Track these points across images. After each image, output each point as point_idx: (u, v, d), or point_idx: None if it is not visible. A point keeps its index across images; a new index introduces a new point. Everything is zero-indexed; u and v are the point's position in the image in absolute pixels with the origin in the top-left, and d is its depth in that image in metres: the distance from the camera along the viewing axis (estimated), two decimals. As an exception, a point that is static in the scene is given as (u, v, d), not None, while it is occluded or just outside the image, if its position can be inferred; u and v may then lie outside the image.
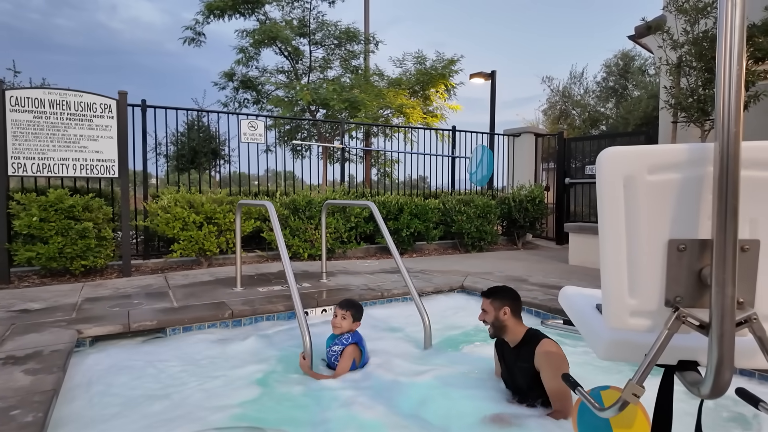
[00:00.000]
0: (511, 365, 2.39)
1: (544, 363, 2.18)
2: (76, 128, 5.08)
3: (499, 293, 2.43)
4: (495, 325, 2.40)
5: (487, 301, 2.42)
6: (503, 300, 2.39)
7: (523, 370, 2.29)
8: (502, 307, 2.38)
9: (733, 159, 1.03)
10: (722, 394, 1.15)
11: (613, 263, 1.20)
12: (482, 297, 2.48)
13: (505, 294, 2.42)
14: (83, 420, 2.15)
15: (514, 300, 2.42)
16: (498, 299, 2.40)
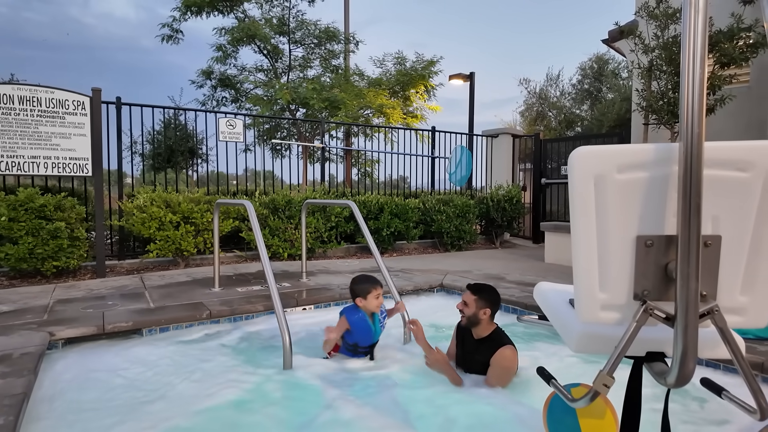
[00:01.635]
0: (469, 353, 2.59)
1: (497, 363, 2.42)
2: (48, 125, 4.94)
3: (485, 294, 2.53)
4: (471, 319, 2.52)
5: (472, 297, 2.52)
6: (487, 302, 2.51)
7: (477, 362, 2.51)
8: (484, 308, 2.50)
9: (697, 159, 1.08)
10: (687, 382, 1.20)
11: (584, 259, 1.24)
12: (468, 290, 2.58)
13: (490, 296, 2.53)
14: (56, 422, 2.10)
15: (496, 304, 2.55)
16: (483, 299, 2.51)
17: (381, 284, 2.95)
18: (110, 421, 2.13)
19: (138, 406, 2.27)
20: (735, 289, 1.21)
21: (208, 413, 2.24)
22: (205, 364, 2.83)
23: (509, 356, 2.43)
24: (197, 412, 2.24)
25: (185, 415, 2.20)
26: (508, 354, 2.43)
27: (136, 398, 2.37)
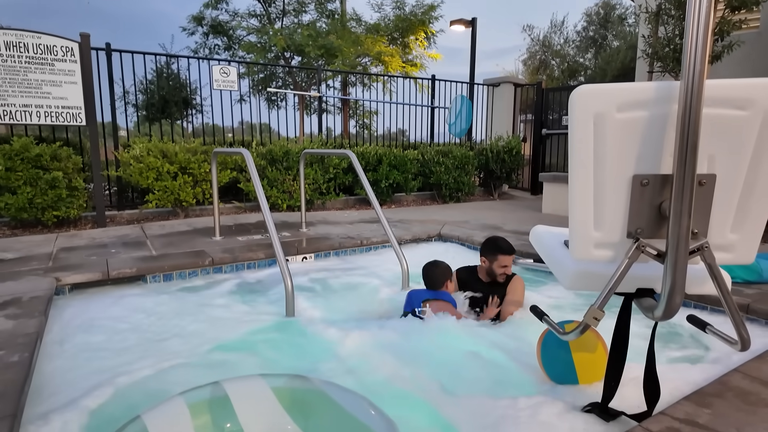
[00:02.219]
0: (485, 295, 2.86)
1: (514, 290, 2.82)
2: (37, 73, 4.80)
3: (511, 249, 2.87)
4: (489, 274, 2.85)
5: (511, 258, 2.85)
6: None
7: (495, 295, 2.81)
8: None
9: (697, 96, 1.08)
10: (673, 316, 1.26)
11: (580, 199, 1.26)
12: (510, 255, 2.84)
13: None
14: (69, 362, 2.19)
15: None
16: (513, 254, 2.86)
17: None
18: (120, 359, 2.22)
19: (145, 347, 2.37)
20: (726, 227, 1.24)
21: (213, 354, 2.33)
22: (209, 309, 2.92)
23: (522, 283, 2.86)
24: (203, 353, 2.34)
25: (191, 355, 2.30)
26: (521, 282, 2.86)
27: (143, 339, 2.46)
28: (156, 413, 1.40)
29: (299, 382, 1.63)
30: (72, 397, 1.80)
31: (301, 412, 1.48)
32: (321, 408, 1.48)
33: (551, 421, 1.60)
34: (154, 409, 1.41)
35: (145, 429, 1.32)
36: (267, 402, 1.49)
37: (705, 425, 1.42)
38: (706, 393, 1.60)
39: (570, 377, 1.84)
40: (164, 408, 1.43)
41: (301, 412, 1.47)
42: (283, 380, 1.62)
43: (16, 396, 1.61)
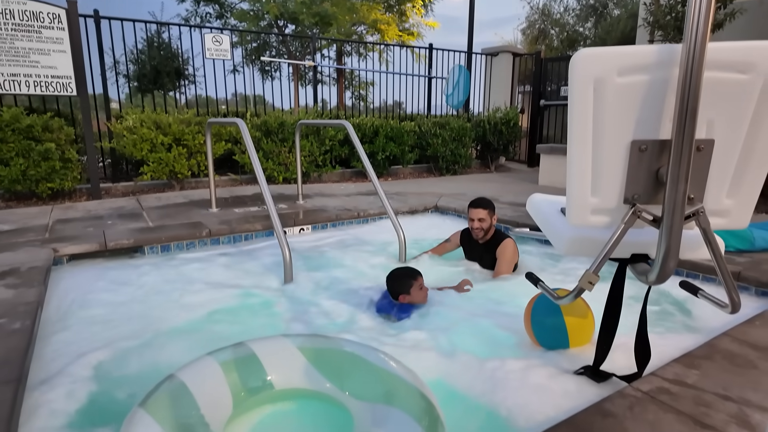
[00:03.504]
0: (478, 256, 3.15)
1: (502, 253, 2.97)
2: (24, 40, 4.67)
3: (491, 204, 3.06)
4: (486, 230, 3.02)
5: (485, 211, 3.00)
6: (493, 209, 3.06)
7: (488, 258, 3.07)
8: (494, 214, 3.06)
9: (698, 59, 1.07)
10: (666, 280, 1.28)
11: (578, 164, 1.26)
12: (478, 208, 3.01)
13: (493, 205, 3.07)
14: (70, 330, 2.21)
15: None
16: (492, 209, 3.05)
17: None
18: (120, 327, 2.24)
19: (145, 315, 2.39)
20: (722, 192, 1.25)
21: (214, 320, 2.37)
22: (208, 278, 2.94)
23: (512, 246, 2.99)
24: (203, 319, 2.37)
25: (191, 322, 2.33)
26: (511, 244, 2.99)
27: (142, 308, 2.48)
28: (190, 371, 1.44)
29: (322, 341, 1.67)
30: (75, 364, 1.82)
31: (329, 368, 1.53)
32: (349, 363, 1.53)
33: (543, 383, 1.64)
34: (186, 368, 1.47)
35: (183, 385, 1.37)
36: (294, 359, 1.55)
37: (693, 385, 1.46)
38: (695, 355, 1.64)
39: (561, 341, 1.89)
40: (197, 366, 1.47)
41: (330, 368, 1.53)
42: (305, 339, 1.66)
43: (20, 361, 1.63)
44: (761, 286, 2.46)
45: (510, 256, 2.97)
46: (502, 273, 2.93)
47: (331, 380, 1.50)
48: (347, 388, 1.47)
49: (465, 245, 3.27)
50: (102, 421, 1.53)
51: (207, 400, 1.35)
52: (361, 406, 1.39)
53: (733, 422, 1.29)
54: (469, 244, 3.23)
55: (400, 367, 1.50)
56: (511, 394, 1.58)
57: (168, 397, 1.31)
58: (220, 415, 1.37)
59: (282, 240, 2.84)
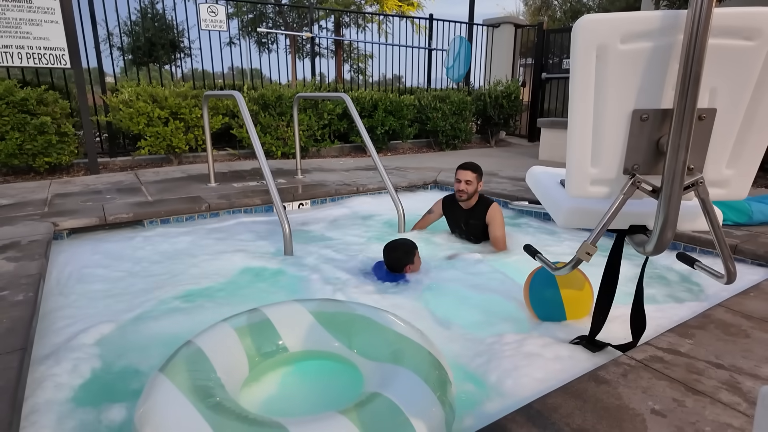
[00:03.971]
0: (463, 222, 3.11)
1: (493, 218, 2.97)
2: (15, 11, 4.56)
3: (479, 168, 3.04)
4: (470, 194, 2.98)
5: (474, 175, 2.97)
6: (481, 174, 3.04)
7: (473, 225, 3.06)
8: (480, 180, 3.04)
9: (704, 24, 1.04)
10: (663, 251, 1.29)
11: (579, 134, 1.25)
12: (466, 170, 2.99)
13: (481, 169, 3.06)
14: (72, 302, 2.24)
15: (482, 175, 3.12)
16: (479, 173, 3.02)
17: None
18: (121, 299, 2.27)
19: (146, 288, 2.41)
20: (722, 163, 1.25)
21: (215, 291, 2.40)
22: (208, 251, 2.95)
23: (500, 209, 3.00)
24: (204, 290, 2.40)
25: (192, 293, 2.36)
26: (498, 208, 3.00)
27: (143, 281, 2.50)
28: (206, 337, 1.49)
29: (333, 305, 1.73)
30: (79, 336, 1.85)
31: (341, 330, 1.59)
32: (359, 326, 1.59)
33: (538, 352, 1.67)
34: (203, 334, 1.52)
35: (200, 350, 1.42)
36: (306, 322, 1.61)
37: (686, 353, 1.49)
38: (690, 325, 1.67)
39: (558, 313, 1.91)
40: (212, 332, 1.52)
41: (341, 331, 1.58)
42: (316, 303, 1.72)
43: (24, 331, 1.66)
44: (757, 259, 2.48)
45: (501, 219, 2.98)
46: (498, 237, 2.94)
47: (342, 341, 1.56)
48: (357, 349, 1.53)
49: (448, 213, 3.22)
50: (107, 393, 1.56)
51: (223, 364, 1.40)
52: (370, 366, 1.45)
53: (724, 388, 1.32)
54: (452, 211, 3.17)
55: (409, 328, 1.55)
56: (506, 363, 1.61)
57: (186, 362, 1.37)
58: (236, 377, 1.43)
59: (281, 215, 2.85)
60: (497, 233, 2.95)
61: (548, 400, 1.27)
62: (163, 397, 1.24)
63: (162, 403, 1.23)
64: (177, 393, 1.24)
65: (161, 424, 1.18)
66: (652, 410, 1.23)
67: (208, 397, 1.24)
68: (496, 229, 2.95)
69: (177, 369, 1.33)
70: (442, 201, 3.25)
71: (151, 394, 1.27)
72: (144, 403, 1.25)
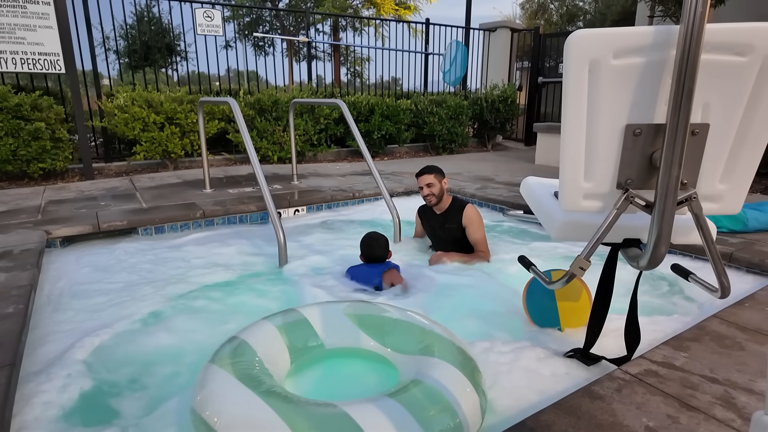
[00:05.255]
0: (438, 227, 2.98)
1: (471, 221, 2.85)
2: (9, 16, 4.54)
3: (435, 168, 2.93)
4: (438, 195, 2.91)
5: (432, 176, 2.90)
6: (441, 173, 2.93)
7: (449, 230, 2.92)
8: (443, 178, 2.94)
9: (696, 41, 1.04)
10: (657, 265, 1.28)
11: (572, 148, 1.25)
12: (424, 174, 2.92)
13: (439, 169, 2.95)
14: (64, 314, 2.21)
15: (443, 173, 2.97)
16: (439, 173, 2.92)
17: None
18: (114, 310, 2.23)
19: (140, 298, 2.37)
20: (715, 177, 1.24)
21: (210, 302, 2.37)
22: (203, 260, 2.93)
23: (476, 211, 2.89)
24: (199, 301, 2.37)
25: (187, 304, 2.33)
26: (474, 209, 2.88)
27: (137, 291, 2.47)
28: (250, 332, 1.59)
29: (364, 306, 1.84)
30: (70, 351, 1.80)
31: (372, 327, 1.70)
32: (388, 322, 1.70)
33: (533, 366, 1.65)
34: (246, 330, 1.61)
35: (245, 343, 1.51)
36: (341, 321, 1.72)
37: (681, 367, 1.48)
38: (684, 338, 1.66)
39: (553, 322, 1.91)
40: (255, 329, 1.62)
41: (373, 328, 1.70)
42: (348, 305, 1.83)
43: (13, 346, 1.63)
44: (752, 267, 2.48)
45: (478, 219, 2.86)
46: (478, 239, 2.82)
47: (375, 338, 1.67)
48: (389, 344, 1.64)
49: (424, 221, 3.13)
50: (98, 411, 1.53)
51: (268, 357, 1.50)
52: (403, 359, 1.56)
53: (719, 404, 1.31)
54: (427, 219, 3.08)
55: (433, 324, 1.68)
56: (499, 376, 1.60)
57: (233, 353, 1.46)
58: (281, 368, 1.53)
59: (276, 223, 2.83)
60: (476, 236, 2.84)
61: (542, 417, 1.26)
62: (220, 384, 1.32)
63: (220, 389, 1.30)
64: (233, 379, 1.32)
65: (223, 407, 1.24)
66: (647, 427, 1.22)
67: (261, 384, 1.32)
68: (474, 232, 2.84)
69: (226, 359, 1.42)
70: (418, 211, 3.19)
71: (207, 381, 1.34)
72: (201, 389, 1.32)
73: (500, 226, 3.71)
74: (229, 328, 2.09)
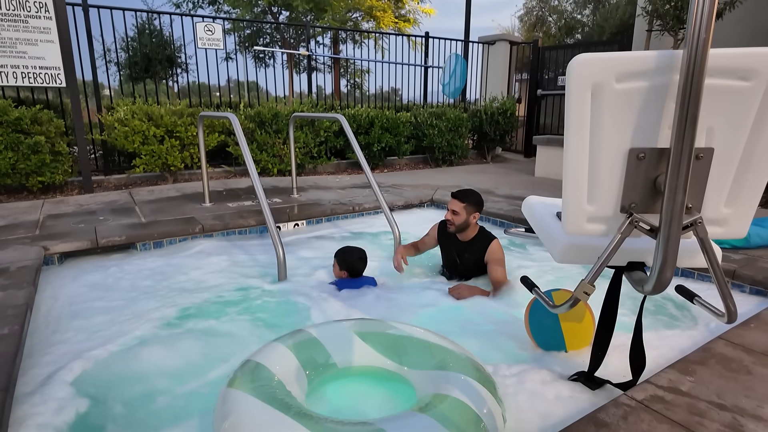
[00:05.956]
0: (457, 254, 2.80)
1: (495, 258, 2.66)
2: (11, 30, 4.56)
3: (473, 199, 2.69)
4: (459, 226, 2.69)
5: (461, 205, 2.66)
6: (475, 206, 2.69)
7: (469, 260, 2.75)
8: (474, 212, 2.69)
9: (700, 66, 1.03)
10: (663, 290, 1.26)
11: (575, 171, 1.23)
12: (455, 199, 2.69)
13: (476, 200, 2.70)
14: (60, 334, 2.17)
15: (481, 205, 2.75)
16: (471, 205, 2.67)
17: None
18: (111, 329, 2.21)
19: (137, 316, 2.34)
20: (720, 201, 1.22)
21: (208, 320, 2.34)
22: (201, 276, 2.90)
23: (500, 247, 2.70)
24: (196, 319, 2.34)
25: (184, 322, 2.30)
26: (497, 246, 2.69)
27: (134, 308, 2.44)
28: (264, 355, 1.57)
29: (373, 323, 1.83)
30: (65, 372, 1.78)
31: (385, 345, 1.69)
32: (400, 340, 1.70)
33: (537, 388, 1.63)
34: (260, 353, 1.59)
35: (261, 365, 1.50)
36: (351, 340, 1.71)
37: (687, 392, 1.45)
38: (690, 361, 1.63)
39: (558, 344, 1.88)
40: (269, 350, 1.60)
41: (385, 345, 1.69)
42: (355, 323, 1.82)
43: (7, 369, 1.61)
44: (756, 285, 2.46)
45: (502, 257, 2.68)
46: (498, 278, 2.61)
47: (387, 355, 1.67)
48: (403, 361, 1.65)
49: (442, 240, 2.90)
50: None
51: (287, 378, 1.49)
52: (419, 375, 1.57)
53: None
54: (446, 239, 2.85)
55: (444, 339, 1.68)
56: (504, 399, 1.57)
57: (252, 375, 1.44)
58: (301, 390, 1.52)
59: (275, 238, 2.81)
60: (498, 274, 2.61)
61: (547, 445, 1.23)
62: (249, 409, 1.29)
63: (250, 414, 1.27)
64: (260, 403, 1.30)
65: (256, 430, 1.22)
66: (654, 457, 1.19)
67: (290, 406, 1.30)
68: (496, 270, 2.62)
69: (245, 382, 1.40)
70: (438, 226, 2.93)
71: (231, 407, 1.31)
72: (227, 416, 1.29)
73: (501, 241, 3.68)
74: (230, 347, 2.07)
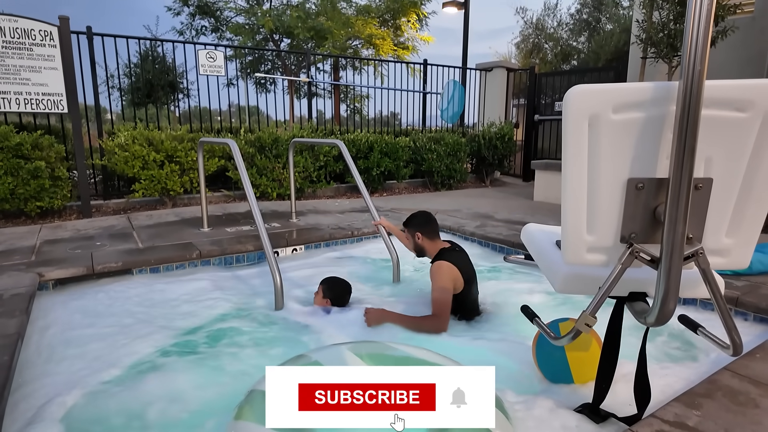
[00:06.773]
0: None
1: (432, 277, 2.48)
2: (15, 58, 4.64)
3: (411, 221, 2.73)
4: (416, 249, 2.74)
5: (405, 231, 2.78)
6: (414, 227, 2.70)
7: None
8: (415, 233, 2.69)
9: (696, 98, 1.03)
10: (666, 322, 1.23)
11: (573, 201, 1.22)
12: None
13: (416, 222, 2.71)
14: (52, 364, 2.13)
15: (424, 225, 2.69)
16: (411, 227, 2.71)
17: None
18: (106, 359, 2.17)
19: (132, 344, 2.30)
20: (721, 232, 1.21)
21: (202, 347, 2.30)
22: (197, 303, 2.86)
23: (440, 266, 2.45)
24: (191, 347, 2.30)
25: (180, 351, 2.26)
26: (438, 265, 2.45)
27: (130, 336, 2.39)
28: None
29: (373, 345, 1.85)
30: (57, 406, 1.72)
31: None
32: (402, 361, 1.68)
33: (544, 417, 1.58)
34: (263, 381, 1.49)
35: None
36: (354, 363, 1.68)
37: (694, 427, 1.41)
38: (696, 393, 1.59)
39: (565, 376, 1.83)
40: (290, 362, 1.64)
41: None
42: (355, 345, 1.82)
43: (-6, 403, 1.56)
44: (760, 312, 2.42)
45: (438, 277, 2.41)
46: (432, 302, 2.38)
47: None
48: None
49: None
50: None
51: None
52: None
53: (738, 470, 1.24)
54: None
55: (444, 359, 1.69)
56: None
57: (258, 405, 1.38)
58: None
59: (273, 266, 2.78)
60: (432, 295, 2.41)
61: (551, 486, 1.18)
62: None
63: None
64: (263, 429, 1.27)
65: None
66: (663, 498, 1.14)
67: None
68: (432, 290, 2.42)
69: (252, 413, 1.38)
70: None
71: None
72: None
73: (502, 268, 3.65)
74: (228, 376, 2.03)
